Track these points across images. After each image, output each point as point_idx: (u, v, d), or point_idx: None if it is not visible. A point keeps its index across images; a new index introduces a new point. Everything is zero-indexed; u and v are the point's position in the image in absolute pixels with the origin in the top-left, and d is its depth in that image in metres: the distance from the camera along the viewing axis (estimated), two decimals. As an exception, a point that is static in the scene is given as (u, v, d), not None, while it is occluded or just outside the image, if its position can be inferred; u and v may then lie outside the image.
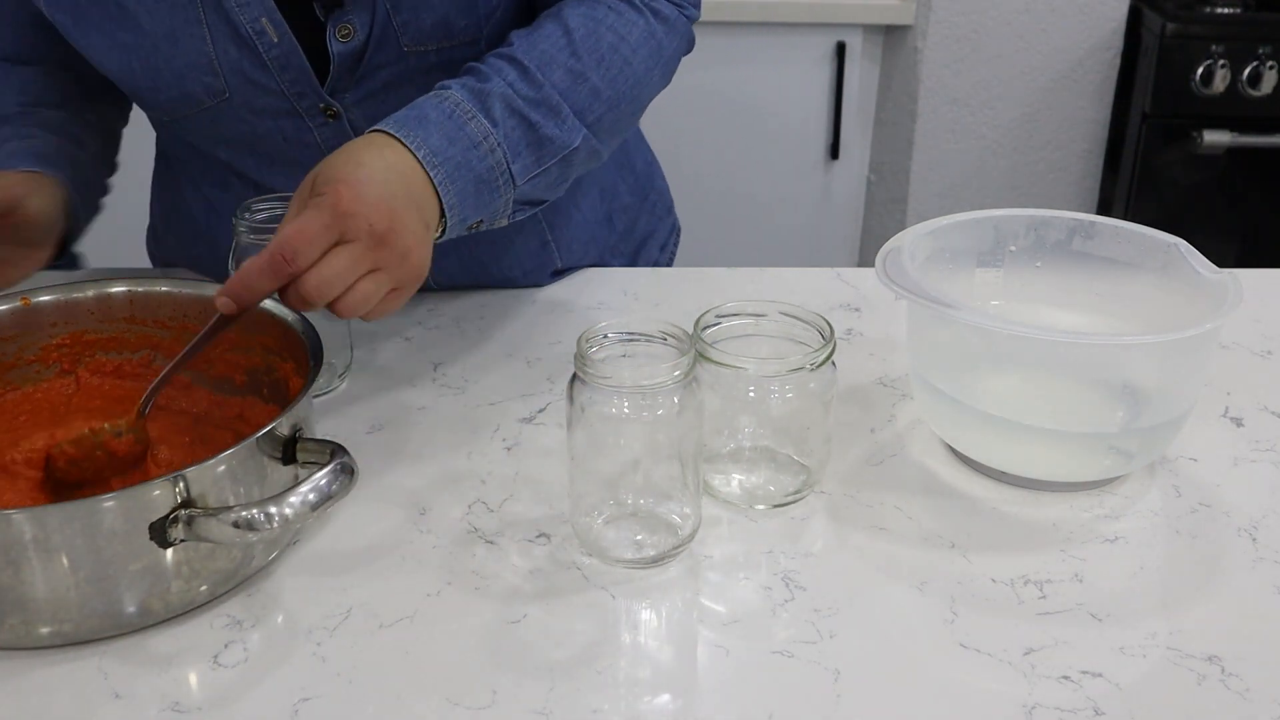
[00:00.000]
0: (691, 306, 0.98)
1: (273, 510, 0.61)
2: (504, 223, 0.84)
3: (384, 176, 0.73)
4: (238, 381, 0.82)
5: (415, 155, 0.76)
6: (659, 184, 1.19)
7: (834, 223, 2.48)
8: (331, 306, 0.71)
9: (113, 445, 0.74)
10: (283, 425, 0.68)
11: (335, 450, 0.67)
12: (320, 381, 0.80)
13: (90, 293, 0.82)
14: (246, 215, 0.83)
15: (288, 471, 0.69)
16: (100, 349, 0.82)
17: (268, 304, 0.76)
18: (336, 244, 0.71)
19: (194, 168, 1.02)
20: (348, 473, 0.65)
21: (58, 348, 0.81)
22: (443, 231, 0.79)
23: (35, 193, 0.84)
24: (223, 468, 0.64)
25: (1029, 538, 0.74)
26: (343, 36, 0.87)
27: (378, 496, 0.77)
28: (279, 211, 0.84)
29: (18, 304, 0.80)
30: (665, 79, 0.92)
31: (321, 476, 0.64)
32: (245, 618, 0.67)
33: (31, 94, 0.94)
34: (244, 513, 0.61)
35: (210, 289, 0.78)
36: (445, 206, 0.78)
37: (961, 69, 2.28)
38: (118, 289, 0.82)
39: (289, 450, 0.69)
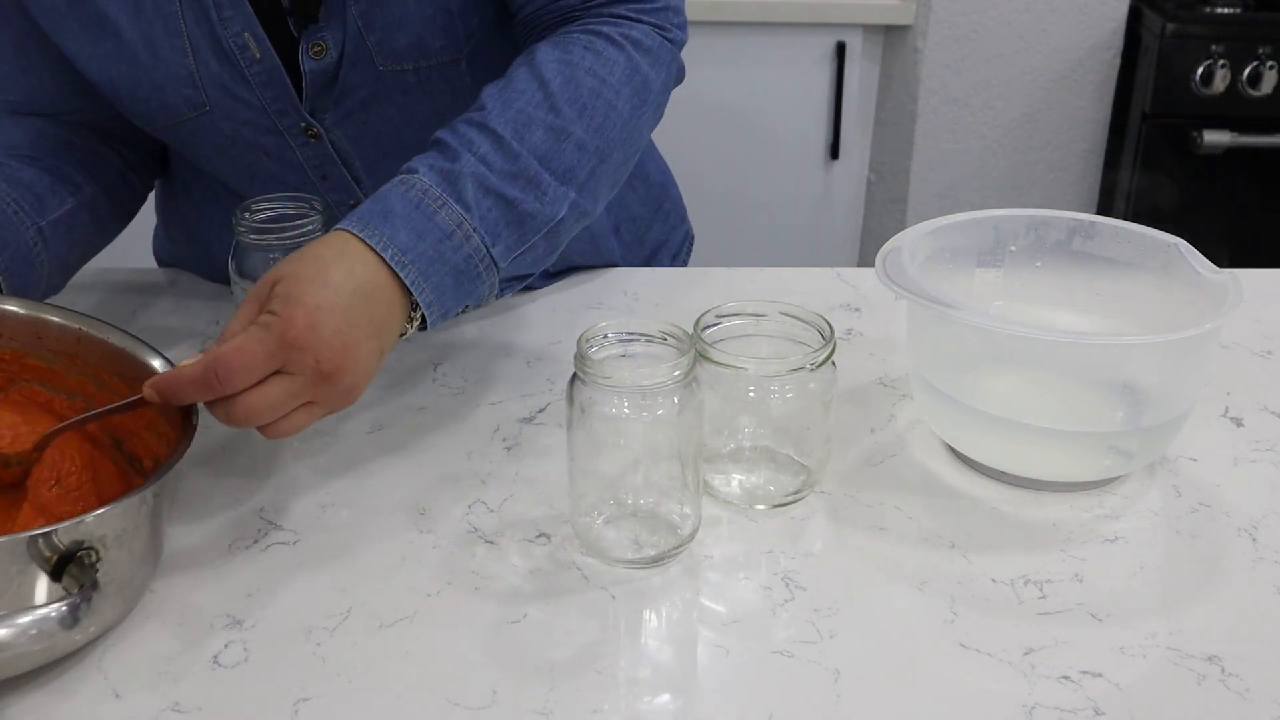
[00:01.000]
0: (691, 306, 0.98)
1: None
2: (491, 300, 0.79)
3: (347, 303, 0.69)
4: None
5: (381, 256, 0.71)
6: (674, 193, 1.17)
7: (834, 223, 2.47)
8: (259, 428, 0.69)
9: (1, 476, 0.71)
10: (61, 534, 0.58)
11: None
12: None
13: (51, 317, 0.76)
14: (247, 215, 0.83)
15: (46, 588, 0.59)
16: (37, 378, 0.77)
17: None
18: (277, 371, 0.67)
19: (188, 175, 1.02)
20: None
21: None
22: (422, 326, 0.75)
23: None
24: None
25: (1029, 538, 0.74)
26: (315, 53, 0.86)
27: (377, 496, 0.77)
28: (280, 212, 0.83)
29: None
30: (657, 116, 0.87)
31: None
32: (245, 618, 0.67)
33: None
34: None
35: (147, 354, 0.74)
36: (422, 304, 0.73)
37: (961, 69, 2.28)
38: (72, 324, 0.76)
39: (60, 566, 0.59)
